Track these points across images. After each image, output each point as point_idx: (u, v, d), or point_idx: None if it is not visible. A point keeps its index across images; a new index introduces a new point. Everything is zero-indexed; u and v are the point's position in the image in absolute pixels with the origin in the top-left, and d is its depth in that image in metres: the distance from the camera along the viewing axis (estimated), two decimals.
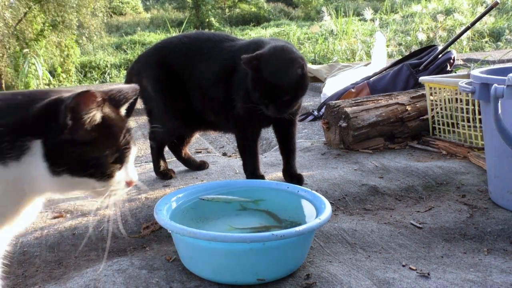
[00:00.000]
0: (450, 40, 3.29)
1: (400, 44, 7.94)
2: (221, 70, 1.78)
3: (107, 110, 0.89)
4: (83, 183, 0.88)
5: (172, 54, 1.86)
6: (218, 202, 1.44)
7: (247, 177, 1.81)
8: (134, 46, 13.02)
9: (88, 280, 1.19)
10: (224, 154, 2.53)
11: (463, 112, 2.18)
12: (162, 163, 2.02)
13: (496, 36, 8.36)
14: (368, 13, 9.23)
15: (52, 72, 9.91)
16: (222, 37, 1.88)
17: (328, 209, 1.27)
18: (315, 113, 3.23)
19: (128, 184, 0.95)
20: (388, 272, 1.22)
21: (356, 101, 2.40)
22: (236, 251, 1.15)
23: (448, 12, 9.53)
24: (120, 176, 0.92)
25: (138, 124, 3.51)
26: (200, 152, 2.52)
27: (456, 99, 2.24)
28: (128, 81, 1.95)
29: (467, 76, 2.15)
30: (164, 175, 2.00)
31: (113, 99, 0.93)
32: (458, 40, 4.44)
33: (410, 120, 2.39)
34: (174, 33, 10.82)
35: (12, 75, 9.79)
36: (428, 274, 1.21)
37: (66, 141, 0.83)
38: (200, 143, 2.69)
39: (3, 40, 9.23)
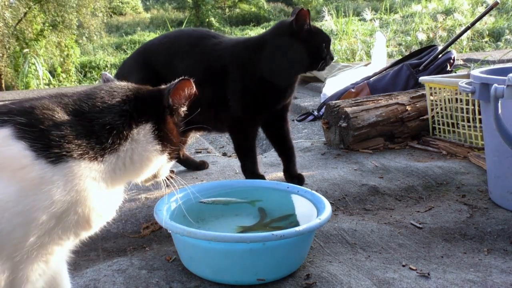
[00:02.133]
0: (450, 40, 3.29)
1: (400, 44, 7.94)
2: (208, 70, 1.75)
3: None
4: (160, 162, 0.96)
5: (154, 56, 1.84)
6: (217, 204, 1.44)
7: (247, 177, 1.80)
8: (134, 46, 13.02)
9: (88, 280, 1.19)
10: (224, 154, 2.53)
11: (463, 112, 2.18)
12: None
13: (496, 36, 8.36)
14: (368, 13, 9.23)
15: (52, 72, 9.92)
16: (203, 34, 1.84)
17: (328, 209, 1.27)
18: (315, 113, 3.22)
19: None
20: (388, 272, 1.22)
21: (356, 101, 2.40)
22: (236, 251, 1.15)
23: (448, 12, 9.53)
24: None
25: None
26: (200, 152, 2.52)
27: (456, 99, 2.24)
28: None
29: (467, 76, 2.15)
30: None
31: None
32: (458, 40, 4.44)
33: (410, 120, 2.38)
34: None
35: (12, 75, 9.80)
36: (428, 274, 1.21)
37: (173, 122, 0.96)
38: (200, 143, 2.69)
39: (3, 40, 9.24)
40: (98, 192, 0.86)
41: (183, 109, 0.99)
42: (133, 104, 0.91)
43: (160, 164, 0.97)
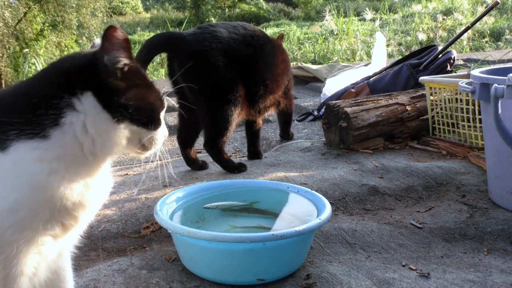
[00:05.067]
0: (450, 40, 3.29)
1: (400, 44, 7.93)
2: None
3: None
4: (136, 134, 0.86)
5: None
6: (221, 206, 1.44)
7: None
8: (134, 46, 12.99)
9: (88, 280, 1.19)
10: None
11: (463, 112, 2.18)
12: (230, 158, 2.12)
13: (496, 36, 8.34)
14: (368, 13, 9.22)
15: None
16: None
17: (328, 209, 1.27)
18: (315, 113, 3.22)
19: (165, 136, 0.94)
20: (388, 272, 1.22)
21: (356, 101, 2.40)
22: (236, 251, 1.15)
23: (448, 12, 9.52)
24: (163, 127, 0.92)
25: None
26: (200, 152, 2.52)
27: (456, 99, 2.24)
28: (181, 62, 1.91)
29: (467, 76, 2.15)
30: (241, 166, 2.06)
31: None
32: (458, 40, 4.44)
33: (410, 120, 2.38)
34: None
35: (12, 75, 9.79)
36: (428, 274, 1.21)
37: (115, 88, 0.83)
38: (200, 143, 2.69)
39: (3, 40, 9.22)
40: (58, 175, 0.79)
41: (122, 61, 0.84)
42: (67, 75, 0.82)
43: (130, 134, 0.86)
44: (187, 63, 1.89)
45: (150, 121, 0.87)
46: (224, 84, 1.92)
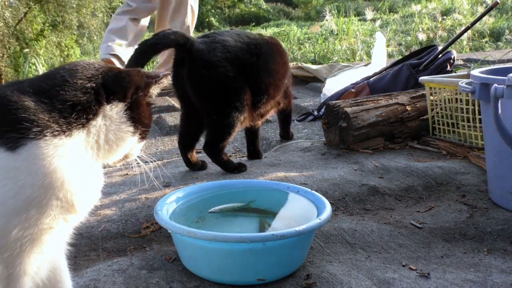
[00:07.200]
0: (450, 40, 3.28)
1: (400, 44, 7.91)
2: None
3: None
4: (131, 143, 0.97)
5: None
6: (225, 209, 1.43)
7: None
8: None
9: (88, 280, 1.19)
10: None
11: (463, 112, 2.18)
12: (230, 158, 2.14)
13: (496, 36, 8.33)
14: (368, 13, 9.22)
15: None
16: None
17: (328, 209, 1.27)
18: (315, 113, 3.22)
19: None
20: (388, 272, 1.22)
21: (356, 101, 2.40)
22: (236, 251, 1.15)
23: (448, 12, 9.52)
24: None
25: None
26: (200, 152, 2.52)
27: (456, 99, 2.24)
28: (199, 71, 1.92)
29: (467, 76, 2.15)
30: (241, 166, 2.07)
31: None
32: (458, 40, 4.44)
33: (410, 120, 2.38)
34: None
35: (12, 75, 9.79)
36: (428, 274, 1.21)
37: (143, 103, 0.97)
38: (199, 143, 2.69)
39: (3, 40, 9.22)
40: (74, 171, 0.82)
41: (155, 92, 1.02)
42: (100, 82, 0.90)
43: (132, 145, 0.98)
44: (197, 71, 1.90)
45: (145, 137, 1.01)
46: (233, 92, 1.94)
